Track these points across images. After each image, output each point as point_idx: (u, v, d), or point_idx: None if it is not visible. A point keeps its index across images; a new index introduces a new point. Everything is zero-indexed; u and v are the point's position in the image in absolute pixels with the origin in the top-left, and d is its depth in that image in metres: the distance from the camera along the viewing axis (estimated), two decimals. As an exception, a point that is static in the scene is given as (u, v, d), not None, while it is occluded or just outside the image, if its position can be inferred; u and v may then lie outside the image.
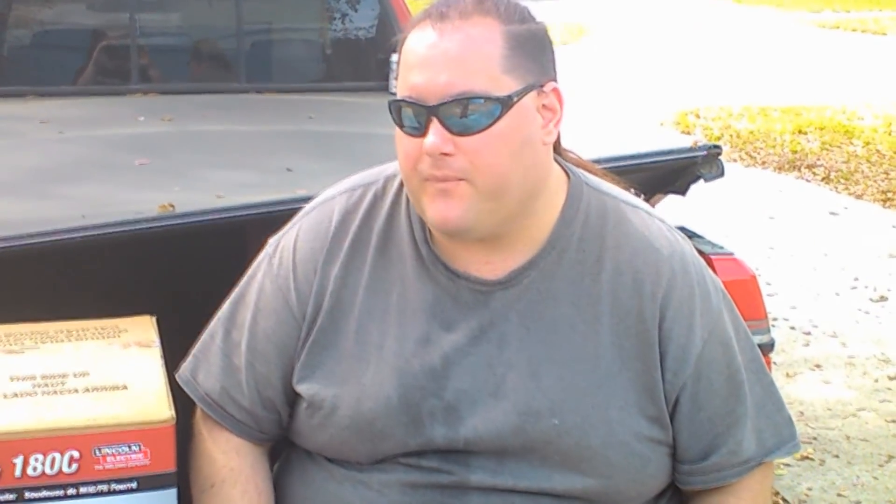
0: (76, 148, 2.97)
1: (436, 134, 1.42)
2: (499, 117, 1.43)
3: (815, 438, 3.91)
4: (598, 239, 1.54)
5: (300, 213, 1.64)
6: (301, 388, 1.55)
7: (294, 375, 1.56)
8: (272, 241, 1.64)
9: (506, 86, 1.43)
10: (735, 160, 8.63)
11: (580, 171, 1.60)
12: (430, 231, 1.54)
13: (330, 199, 1.63)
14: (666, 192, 2.21)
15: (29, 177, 2.64)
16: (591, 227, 1.55)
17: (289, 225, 1.64)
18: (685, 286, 1.54)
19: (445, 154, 1.42)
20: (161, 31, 4.22)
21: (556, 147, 1.61)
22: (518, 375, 1.49)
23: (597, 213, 1.56)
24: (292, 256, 1.59)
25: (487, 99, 1.42)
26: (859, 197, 7.59)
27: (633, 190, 1.75)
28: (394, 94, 3.84)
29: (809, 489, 3.55)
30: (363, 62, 4.28)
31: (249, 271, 1.64)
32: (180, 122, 3.29)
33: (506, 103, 1.43)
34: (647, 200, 1.93)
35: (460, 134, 1.42)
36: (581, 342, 1.51)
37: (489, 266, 1.53)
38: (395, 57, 3.82)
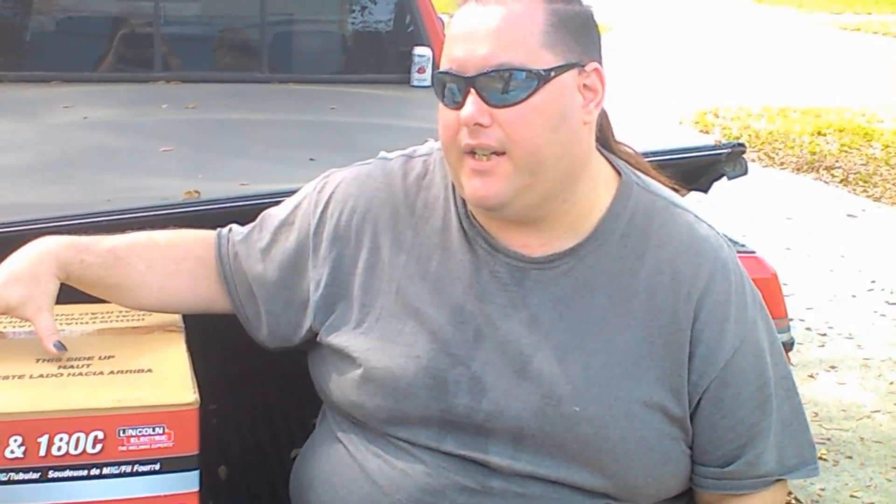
0: (100, 134, 2.99)
1: (473, 104, 1.45)
2: (535, 90, 1.45)
3: (828, 439, 3.91)
4: (641, 237, 1.55)
5: (360, 163, 1.70)
6: (334, 340, 1.60)
7: (324, 327, 1.61)
8: (329, 171, 1.72)
9: (544, 60, 1.46)
10: (754, 160, 8.60)
11: (632, 171, 1.62)
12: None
13: (387, 159, 1.68)
14: (689, 190, 2.21)
15: (53, 161, 2.66)
16: (637, 224, 1.56)
17: (348, 167, 1.70)
18: (722, 291, 1.54)
19: (482, 125, 1.45)
20: (185, 20, 4.23)
21: (610, 141, 1.64)
22: (545, 358, 1.51)
23: (644, 212, 1.57)
24: (332, 191, 1.66)
25: (524, 71, 1.44)
26: (877, 199, 7.58)
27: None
28: (416, 86, 3.84)
29: (822, 490, 3.55)
30: (385, 54, 4.29)
31: (302, 189, 1.72)
32: (203, 110, 3.31)
33: (543, 77, 1.45)
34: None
35: (497, 106, 1.45)
36: (612, 335, 1.52)
37: (527, 249, 1.55)
38: (417, 50, 3.85)
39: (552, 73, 1.46)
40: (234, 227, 1.73)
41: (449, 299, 1.55)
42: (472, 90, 1.46)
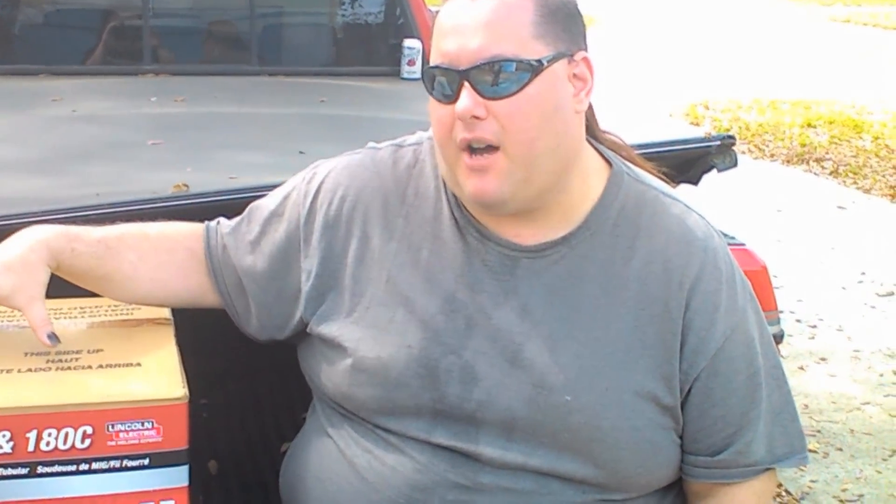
0: (89, 127, 2.98)
1: (467, 97, 1.45)
2: (529, 81, 1.44)
3: (819, 431, 3.92)
4: (632, 226, 1.55)
5: (349, 152, 1.69)
6: (324, 330, 1.59)
7: (314, 317, 1.60)
8: (317, 161, 1.71)
9: (536, 51, 1.45)
10: (744, 152, 8.62)
11: (622, 161, 1.62)
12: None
13: (377, 148, 1.68)
14: (678, 182, 2.21)
15: (42, 154, 2.65)
16: (628, 214, 1.56)
17: (336, 157, 1.69)
18: (713, 280, 1.55)
19: (477, 118, 1.45)
20: (174, 13, 4.22)
21: (594, 129, 1.63)
22: (536, 347, 1.51)
23: (635, 202, 1.57)
24: (321, 180, 1.65)
25: (518, 62, 1.44)
26: (867, 191, 7.59)
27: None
28: (406, 79, 3.84)
29: (813, 482, 3.56)
30: (375, 47, 4.29)
31: (289, 180, 1.71)
32: (193, 103, 3.30)
33: (536, 68, 1.45)
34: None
35: (492, 98, 1.45)
36: (603, 324, 1.52)
37: (519, 238, 1.55)
38: (407, 42, 3.85)
39: (544, 64, 1.46)
40: (222, 220, 1.72)
41: (440, 288, 1.55)
42: (466, 83, 1.45)
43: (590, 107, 1.61)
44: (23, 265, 1.54)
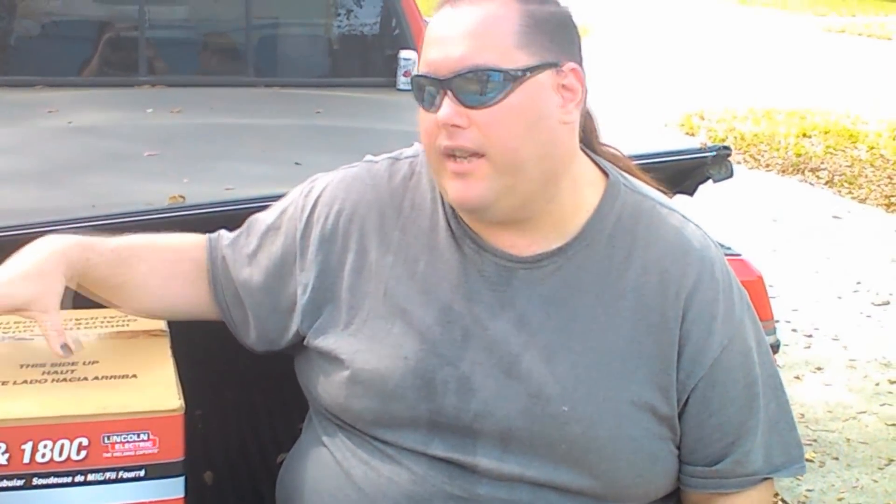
0: (85, 138, 2.98)
1: (448, 106, 1.45)
2: (510, 91, 1.45)
3: (815, 440, 3.93)
4: (629, 237, 1.56)
5: (346, 166, 1.70)
6: (321, 342, 1.59)
7: (311, 330, 1.60)
8: (315, 175, 1.71)
9: (519, 61, 1.46)
10: (739, 162, 8.63)
11: (619, 172, 1.62)
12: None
13: (373, 161, 1.68)
14: (674, 193, 2.21)
15: (38, 166, 2.65)
16: (624, 225, 1.56)
17: (334, 170, 1.69)
18: (710, 290, 1.55)
19: (458, 126, 1.45)
20: (170, 24, 4.22)
21: (594, 143, 1.63)
22: (533, 358, 1.51)
23: (631, 213, 1.57)
24: (318, 194, 1.65)
25: (498, 72, 1.44)
26: (863, 201, 7.61)
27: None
28: (402, 90, 3.86)
29: (809, 491, 3.56)
30: (371, 58, 4.29)
31: (288, 194, 1.71)
32: (189, 114, 3.30)
33: (517, 77, 1.45)
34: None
35: (473, 107, 1.45)
36: (599, 334, 1.52)
37: (514, 249, 1.55)
38: (403, 53, 3.85)
39: (527, 74, 1.46)
40: (223, 232, 1.72)
41: (436, 299, 1.55)
42: (448, 92, 1.46)
43: (591, 119, 1.62)
44: (39, 275, 1.55)
